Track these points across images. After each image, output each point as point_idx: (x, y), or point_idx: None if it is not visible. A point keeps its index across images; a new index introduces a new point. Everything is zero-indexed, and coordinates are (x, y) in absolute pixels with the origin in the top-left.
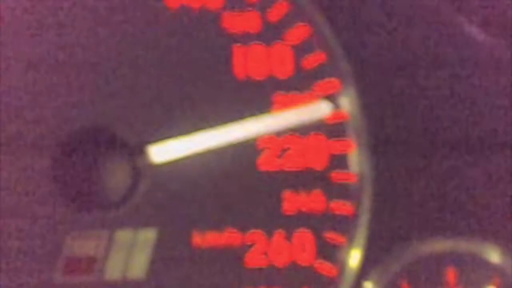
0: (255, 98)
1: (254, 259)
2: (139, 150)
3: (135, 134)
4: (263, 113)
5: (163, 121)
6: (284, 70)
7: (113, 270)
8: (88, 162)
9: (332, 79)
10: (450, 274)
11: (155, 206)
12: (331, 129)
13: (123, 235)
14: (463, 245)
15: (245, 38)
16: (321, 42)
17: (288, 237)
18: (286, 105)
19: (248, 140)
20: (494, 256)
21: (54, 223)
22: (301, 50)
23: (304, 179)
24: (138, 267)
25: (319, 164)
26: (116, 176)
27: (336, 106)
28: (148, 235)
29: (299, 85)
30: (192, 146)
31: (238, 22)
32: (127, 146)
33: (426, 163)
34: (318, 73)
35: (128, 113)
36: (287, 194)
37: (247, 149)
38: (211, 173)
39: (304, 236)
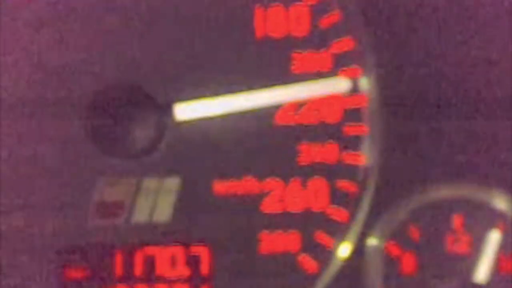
0: (274, 56)
1: (270, 205)
2: (166, 107)
3: (163, 91)
4: (282, 71)
5: (189, 80)
6: (301, 29)
7: (140, 214)
8: (118, 115)
9: (347, 37)
10: (457, 220)
11: (179, 157)
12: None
13: (149, 182)
14: (469, 192)
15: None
16: (337, 2)
17: (303, 185)
18: (304, 63)
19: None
20: (498, 202)
21: (86, 170)
22: (317, 9)
23: (319, 132)
24: (163, 212)
25: (333, 118)
26: (143, 128)
27: (351, 62)
28: (173, 183)
29: (315, 43)
30: (216, 108)
31: None
32: (154, 103)
33: (435, 116)
34: (334, 32)
35: (157, 71)
36: (302, 146)
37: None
38: (232, 127)
39: (318, 183)
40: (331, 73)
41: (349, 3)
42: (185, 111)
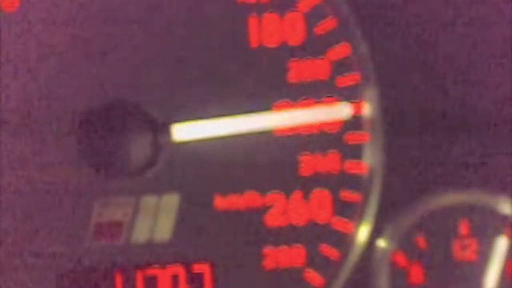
0: (271, 65)
1: (273, 219)
2: (163, 127)
3: (161, 110)
4: (278, 80)
5: (187, 99)
6: (296, 37)
7: (139, 234)
8: (114, 133)
9: (344, 44)
10: (464, 227)
11: (177, 173)
12: (345, 92)
13: (147, 201)
14: (475, 198)
15: (259, 8)
16: (332, 9)
17: (306, 197)
18: (301, 72)
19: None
20: (505, 208)
21: (83, 191)
22: (312, 16)
23: (319, 142)
24: (163, 230)
25: (333, 126)
26: (139, 147)
27: (349, 69)
28: (172, 200)
29: (312, 51)
30: (213, 129)
31: None
32: (151, 121)
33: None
34: (330, 39)
35: (155, 90)
36: (303, 156)
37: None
38: (231, 141)
39: (321, 195)
40: (330, 81)
41: (344, 9)
42: (183, 131)
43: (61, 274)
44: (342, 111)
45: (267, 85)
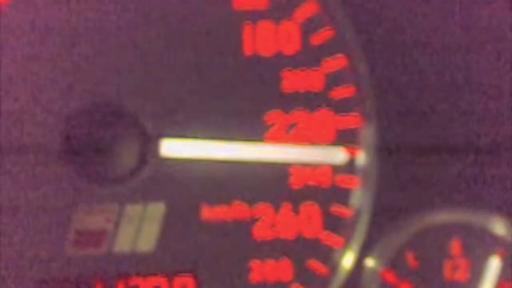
0: (264, 75)
1: (261, 232)
2: (153, 141)
3: (153, 123)
4: (272, 90)
5: (180, 114)
6: (291, 46)
7: (122, 243)
8: (101, 138)
9: (339, 55)
10: (455, 246)
11: (164, 182)
12: (338, 104)
13: (132, 209)
14: (468, 217)
15: (255, 16)
16: (329, 19)
17: (295, 210)
18: (294, 82)
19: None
20: (498, 228)
21: (65, 197)
22: (308, 26)
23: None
24: (147, 240)
25: (325, 139)
26: (125, 155)
27: (344, 81)
28: (157, 209)
29: (307, 61)
30: (202, 151)
31: (247, 0)
32: (142, 133)
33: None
34: (325, 50)
35: (148, 100)
36: (293, 168)
37: (255, 126)
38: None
39: (310, 209)
40: (324, 92)
41: (340, 20)
42: (171, 147)
43: (41, 281)
44: (336, 155)
45: (260, 94)
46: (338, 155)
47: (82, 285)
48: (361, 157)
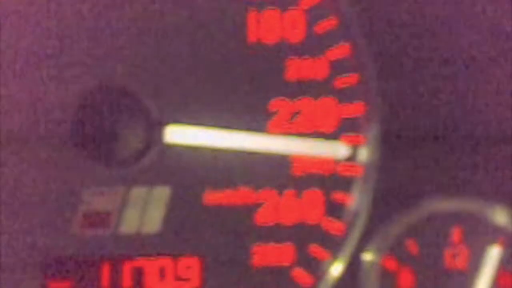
0: (268, 62)
1: (264, 217)
2: (157, 125)
3: (158, 108)
4: (276, 78)
5: (186, 102)
6: (296, 34)
7: (128, 225)
8: (108, 119)
9: (343, 44)
10: (456, 234)
11: (169, 166)
12: (342, 92)
13: (138, 192)
14: (468, 206)
15: (260, 3)
16: (333, 8)
17: (298, 196)
18: (298, 70)
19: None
20: (499, 217)
21: (73, 179)
22: (313, 14)
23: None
24: (153, 222)
25: (328, 127)
26: (131, 139)
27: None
28: (162, 192)
29: (311, 50)
30: (207, 139)
31: None
32: (148, 117)
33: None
34: (330, 38)
35: (154, 84)
36: (296, 156)
37: (259, 113)
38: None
39: (313, 195)
40: (328, 81)
41: (345, 9)
42: (175, 134)
43: (48, 262)
44: (338, 150)
45: (264, 81)
46: (341, 149)
47: (89, 266)
48: (364, 145)
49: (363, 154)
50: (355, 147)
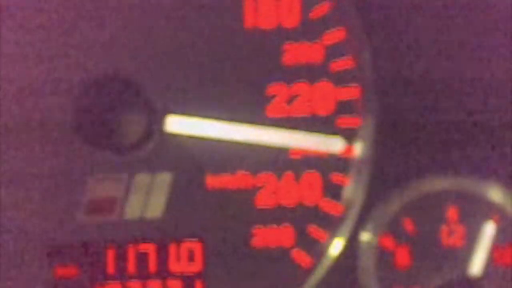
0: (265, 47)
1: (264, 200)
2: (159, 114)
3: (160, 98)
4: (273, 63)
5: (187, 91)
6: (292, 19)
7: (132, 210)
8: (110, 109)
9: (339, 28)
10: (452, 212)
11: (171, 152)
12: (338, 76)
13: (141, 178)
14: (464, 184)
15: None
16: None
17: (296, 178)
18: (295, 55)
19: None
20: (494, 194)
21: (77, 166)
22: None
23: (311, 124)
24: (156, 208)
25: (325, 110)
26: (132, 127)
27: (343, 53)
28: (165, 179)
29: (307, 34)
30: (207, 130)
31: None
32: (150, 106)
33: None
34: (325, 23)
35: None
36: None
37: (257, 98)
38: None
39: (311, 177)
40: (324, 65)
41: None
42: (177, 124)
43: (54, 248)
44: (334, 145)
45: (261, 66)
46: (337, 144)
47: (94, 251)
48: (360, 127)
49: (360, 135)
50: (351, 130)
